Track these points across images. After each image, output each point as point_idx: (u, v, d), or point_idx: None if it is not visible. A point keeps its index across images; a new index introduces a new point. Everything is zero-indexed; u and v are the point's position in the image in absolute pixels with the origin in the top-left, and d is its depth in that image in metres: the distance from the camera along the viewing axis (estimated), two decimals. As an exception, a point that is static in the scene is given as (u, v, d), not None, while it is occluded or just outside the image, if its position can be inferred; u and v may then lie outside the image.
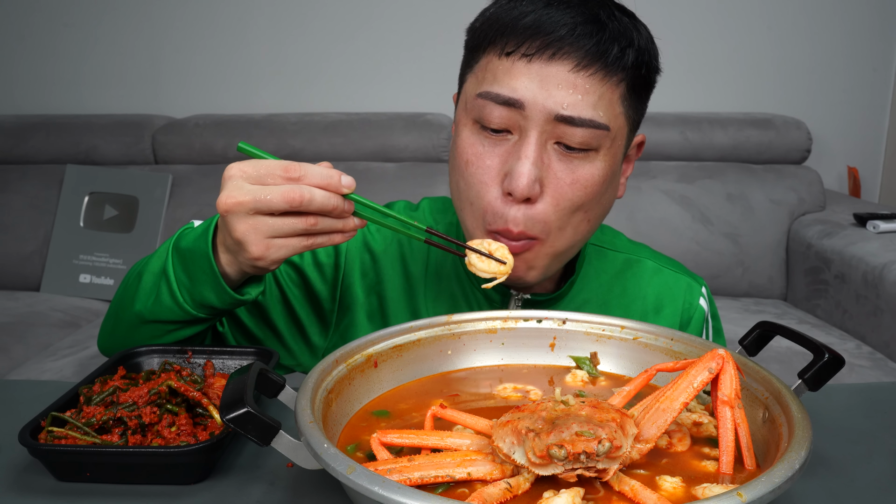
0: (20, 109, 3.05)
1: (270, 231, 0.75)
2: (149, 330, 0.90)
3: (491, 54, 0.89)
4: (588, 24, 0.86)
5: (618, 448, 0.58)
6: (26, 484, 0.71)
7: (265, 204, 0.73)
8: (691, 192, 2.66)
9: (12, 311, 2.41)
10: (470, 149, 0.90)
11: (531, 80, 0.86)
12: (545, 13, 0.86)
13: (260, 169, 0.74)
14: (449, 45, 3.03)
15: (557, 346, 0.85)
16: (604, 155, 0.89)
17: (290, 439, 0.59)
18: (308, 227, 0.75)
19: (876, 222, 2.39)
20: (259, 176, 0.74)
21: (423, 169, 2.74)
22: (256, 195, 0.73)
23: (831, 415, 0.85)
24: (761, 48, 2.97)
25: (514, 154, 0.88)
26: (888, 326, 2.12)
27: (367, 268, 1.05)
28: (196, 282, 0.84)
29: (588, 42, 0.85)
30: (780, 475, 0.53)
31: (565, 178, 0.88)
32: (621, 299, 1.07)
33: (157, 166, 2.82)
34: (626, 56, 0.87)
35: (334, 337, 1.06)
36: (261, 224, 0.74)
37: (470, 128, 0.91)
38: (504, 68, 0.87)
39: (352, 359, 0.75)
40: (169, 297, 0.86)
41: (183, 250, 0.84)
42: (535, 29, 0.86)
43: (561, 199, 0.88)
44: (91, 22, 3.03)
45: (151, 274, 0.88)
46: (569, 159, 0.88)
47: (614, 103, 0.88)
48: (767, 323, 0.78)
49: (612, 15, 0.88)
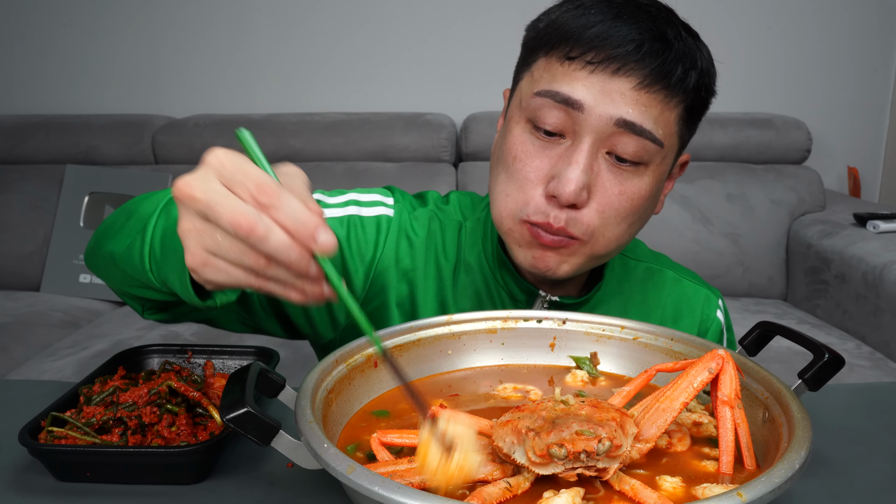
0: (20, 109, 3.05)
1: (213, 247, 0.58)
2: (118, 276, 0.81)
3: (552, 57, 0.88)
4: (655, 42, 0.84)
5: (618, 447, 0.58)
6: (26, 484, 0.71)
7: (213, 214, 0.56)
8: (691, 192, 2.66)
9: (12, 311, 2.41)
10: (520, 146, 0.89)
11: (593, 87, 0.85)
12: (613, 25, 0.84)
13: (237, 171, 0.57)
14: (448, 44, 3.04)
15: (557, 346, 0.85)
16: (652, 171, 0.89)
17: (290, 439, 0.59)
18: (256, 265, 0.58)
19: (876, 222, 2.39)
20: (231, 179, 0.57)
21: (423, 169, 2.74)
22: (211, 199, 0.56)
23: (831, 415, 0.85)
24: (761, 48, 2.97)
25: (565, 158, 0.87)
26: (888, 326, 2.12)
27: (404, 253, 1.03)
28: (165, 259, 0.71)
29: (654, 61, 0.84)
30: (780, 475, 0.53)
31: (613, 189, 0.88)
32: (641, 307, 1.07)
33: (157, 166, 2.82)
34: (689, 78, 0.87)
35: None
36: (206, 233, 0.58)
37: (522, 126, 0.90)
38: (565, 72, 0.86)
39: (352, 359, 0.75)
40: (138, 255, 0.74)
41: (172, 218, 0.70)
42: (601, 40, 0.84)
43: (607, 208, 0.88)
44: (91, 22, 3.03)
45: (138, 219, 0.77)
46: (619, 170, 0.88)
47: (671, 122, 0.88)
48: (767, 323, 0.78)
49: (678, 35, 0.87)
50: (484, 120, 2.78)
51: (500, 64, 3.24)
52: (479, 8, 2.97)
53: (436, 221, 1.06)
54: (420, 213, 1.06)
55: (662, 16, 0.88)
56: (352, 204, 1.02)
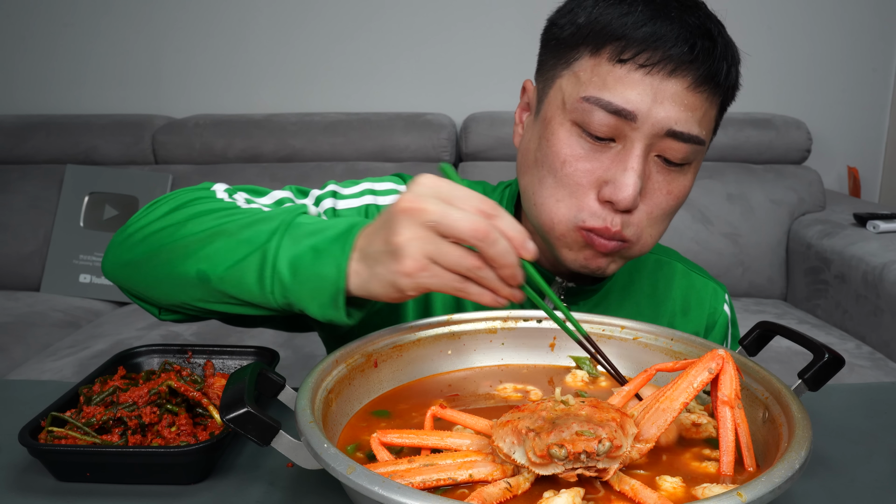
0: (20, 109, 3.05)
1: (436, 252, 0.65)
2: (201, 292, 0.77)
3: (600, 57, 0.85)
4: (705, 41, 0.84)
5: (618, 447, 0.58)
6: (26, 484, 0.71)
7: (450, 222, 0.64)
8: (691, 192, 2.66)
9: (12, 311, 2.41)
10: (568, 149, 0.87)
11: (645, 92, 0.83)
12: (665, 24, 0.83)
13: (455, 191, 0.66)
14: (449, 44, 3.04)
15: (557, 346, 0.85)
16: (694, 167, 0.91)
17: (290, 439, 0.59)
18: (472, 268, 0.65)
19: (876, 222, 2.39)
20: (452, 197, 0.66)
21: (423, 169, 2.74)
22: (445, 209, 0.64)
23: (831, 415, 0.85)
24: (761, 48, 2.97)
25: (619, 164, 0.86)
26: (888, 326, 2.12)
27: None
28: (301, 287, 0.71)
29: (707, 61, 0.84)
30: (780, 475, 0.53)
31: (662, 189, 0.88)
32: (651, 298, 1.08)
33: (157, 166, 2.82)
34: (731, 75, 0.88)
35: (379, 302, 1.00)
36: (430, 240, 0.65)
37: (569, 128, 0.88)
38: (616, 76, 0.84)
39: (352, 359, 0.74)
40: (257, 282, 0.73)
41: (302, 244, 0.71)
42: (654, 40, 0.83)
43: (655, 209, 0.89)
44: (91, 22, 3.03)
45: (238, 241, 0.75)
46: (667, 171, 0.88)
47: (712, 119, 0.89)
48: (767, 323, 0.78)
49: (720, 30, 0.87)
50: (484, 120, 2.78)
51: (500, 64, 3.26)
52: (479, 8, 2.97)
53: None
54: None
55: (701, 9, 0.88)
56: (367, 193, 1.01)
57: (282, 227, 0.73)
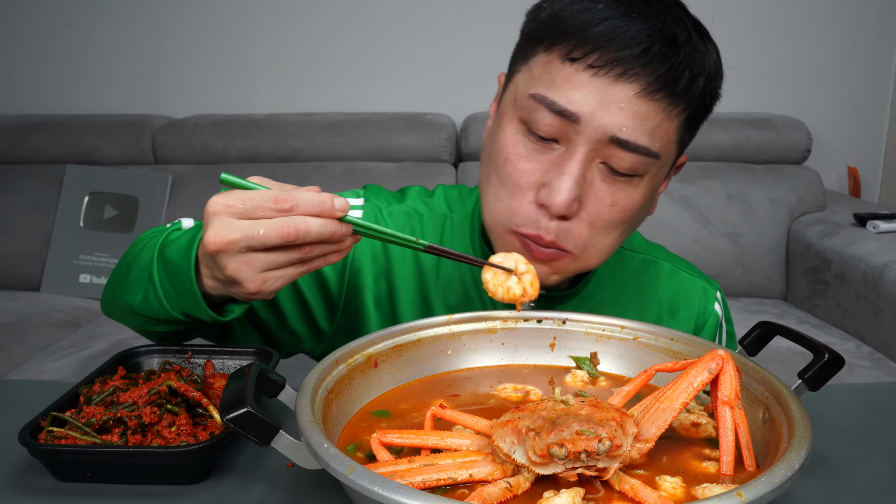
0: (20, 109, 3.05)
1: (265, 265, 0.70)
2: (140, 320, 0.88)
3: (552, 54, 0.83)
4: (663, 45, 0.79)
5: (618, 447, 0.58)
6: (26, 484, 0.71)
7: (258, 240, 0.67)
8: (691, 192, 2.66)
9: (12, 311, 2.41)
10: (511, 147, 0.86)
11: (591, 94, 0.80)
12: (621, 24, 0.79)
13: (247, 202, 0.68)
14: (449, 44, 3.04)
15: (557, 346, 0.85)
16: (647, 181, 0.86)
17: (290, 439, 0.59)
18: (302, 255, 0.70)
19: (876, 222, 2.39)
20: (247, 210, 0.68)
21: (423, 169, 2.74)
22: (247, 232, 0.67)
23: (831, 415, 0.85)
24: (761, 48, 2.97)
25: (557, 167, 0.83)
26: (888, 326, 2.12)
27: (378, 253, 1.01)
28: (181, 296, 0.79)
29: (661, 66, 0.79)
30: (780, 475, 0.53)
31: (605, 200, 0.85)
32: (637, 300, 1.05)
33: (157, 166, 2.82)
34: (696, 85, 0.83)
35: (341, 321, 1.03)
36: (254, 260, 0.69)
37: (515, 126, 0.86)
38: (564, 75, 0.81)
39: (352, 359, 0.74)
40: (156, 301, 0.82)
41: (168, 262, 0.80)
42: (606, 40, 0.79)
43: (597, 220, 0.85)
44: (91, 22, 3.03)
45: (140, 269, 0.84)
46: (612, 181, 0.84)
47: (670, 132, 0.84)
48: (767, 323, 0.78)
49: (688, 37, 0.82)
50: (484, 120, 2.78)
51: (500, 64, 3.23)
52: (479, 8, 2.97)
53: (414, 217, 1.04)
54: (395, 210, 1.04)
55: (673, 13, 0.83)
56: None
57: (155, 253, 0.82)
